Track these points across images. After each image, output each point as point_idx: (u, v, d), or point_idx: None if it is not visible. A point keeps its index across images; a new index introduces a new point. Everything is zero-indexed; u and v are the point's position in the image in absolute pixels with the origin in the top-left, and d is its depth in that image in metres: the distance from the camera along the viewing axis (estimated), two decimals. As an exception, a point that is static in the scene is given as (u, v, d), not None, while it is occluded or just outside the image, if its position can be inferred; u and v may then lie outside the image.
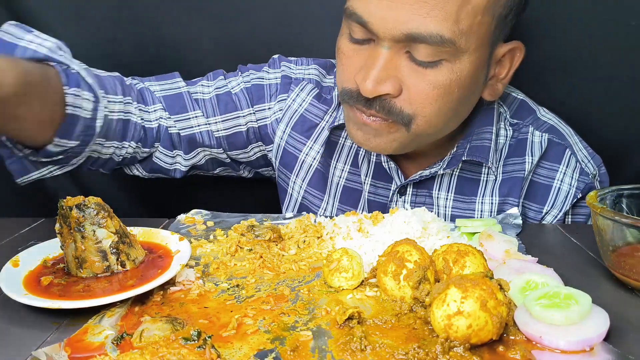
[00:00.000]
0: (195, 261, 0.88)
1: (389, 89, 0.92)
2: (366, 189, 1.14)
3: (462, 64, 0.92)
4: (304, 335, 0.68)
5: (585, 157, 1.11)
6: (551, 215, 1.10)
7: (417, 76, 0.91)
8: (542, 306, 0.67)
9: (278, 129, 1.18)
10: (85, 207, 0.79)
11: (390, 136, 0.98)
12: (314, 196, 1.18)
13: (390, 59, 0.91)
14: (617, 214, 0.77)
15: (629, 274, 0.78)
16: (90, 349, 0.65)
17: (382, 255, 0.78)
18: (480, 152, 1.06)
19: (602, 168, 1.12)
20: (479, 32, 0.90)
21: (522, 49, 1.01)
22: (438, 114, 0.95)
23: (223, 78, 1.18)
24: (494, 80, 1.02)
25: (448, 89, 0.92)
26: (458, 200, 1.11)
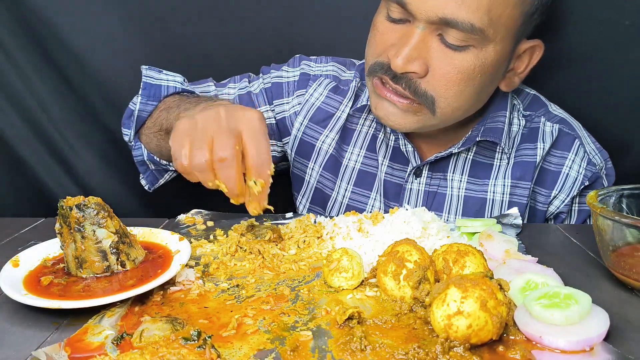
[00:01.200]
0: (195, 261, 0.88)
1: (417, 68, 0.98)
2: (383, 170, 1.19)
3: (487, 52, 0.98)
4: (304, 335, 0.68)
5: (593, 150, 1.15)
6: (559, 199, 1.14)
7: (445, 59, 0.97)
8: (542, 306, 0.67)
9: (296, 121, 1.23)
10: (85, 207, 0.79)
11: (414, 117, 1.04)
12: (327, 179, 1.23)
13: (423, 39, 0.97)
14: (617, 214, 0.77)
15: (629, 274, 0.77)
16: (90, 349, 0.65)
17: (382, 255, 0.78)
18: (494, 133, 1.10)
19: (609, 163, 1.16)
20: (506, 25, 0.97)
21: (542, 48, 1.07)
22: (459, 97, 1.01)
23: (247, 80, 1.26)
24: (512, 73, 1.08)
25: (471, 74, 0.98)
26: (471, 183, 1.15)
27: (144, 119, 1.16)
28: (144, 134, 1.17)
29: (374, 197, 1.20)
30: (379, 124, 1.18)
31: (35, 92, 1.37)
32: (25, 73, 1.36)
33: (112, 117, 1.41)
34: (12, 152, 1.39)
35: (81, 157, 1.42)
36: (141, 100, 1.14)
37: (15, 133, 1.38)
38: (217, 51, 1.39)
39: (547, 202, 1.15)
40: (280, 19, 1.37)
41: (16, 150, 1.39)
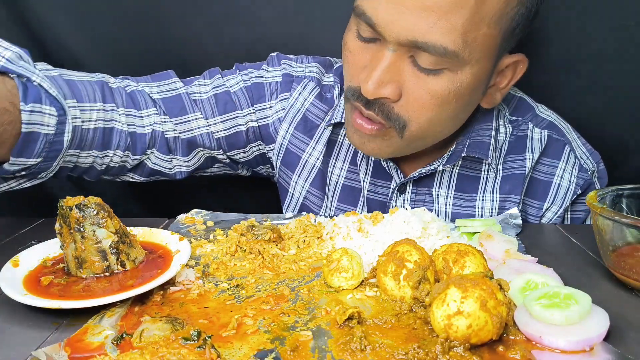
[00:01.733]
0: (195, 261, 0.88)
1: (389, 93, 0.92)
2: (365, 188, 1.14)
3: (463, 75, 0.92)
4: (304, 335, 0.68)
5: (584, 153, 1.12)
6: (551, 211, 1.11)
7: (418, 82, 0.92)
8: (542, 306, 0.67)
9: (280, 129, 1.17)
10: (85, 207, 0.79)
11: (384, 142, 0.99)
12: (315, 196, 1.18)
13: (394, 61, 0.91)
14: (617, 214, 0.77)
15: (629, 274, 0.78)
16: (90, 349, 0.65)
17: (382, 255, 0.78)
18: (480, 149, 1.06)
19: (601, 164, 1.13)
20: (483, 45, 0.91)
21: (526, 63, 1.02)
22: (431, 122, 0.96)
23: (220, 76, 1.15)
24: (494, 89, 1.03)
25: (446, 99, 0.93)
26: (458, 198, 1.11)
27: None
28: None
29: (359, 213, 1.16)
30: None
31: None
32: (25, 73, 1.36)
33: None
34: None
35: (81, 157, 1.42)
36: None
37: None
38: (214, 51, 1.38)
39: (539, 215, 1.11)
40: (277, 19, 1.36)
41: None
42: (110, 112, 1.02)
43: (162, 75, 1.14)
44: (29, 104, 0.83)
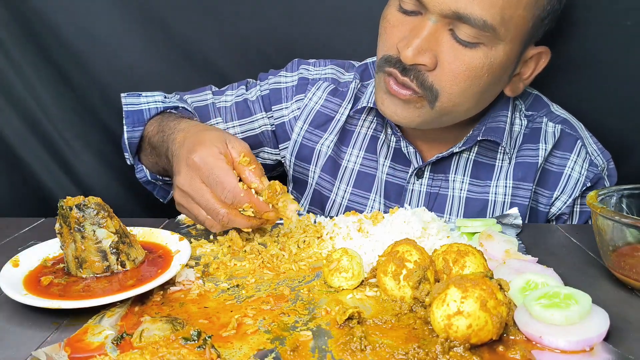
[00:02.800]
0: (195, 261, 0.88)
1: (426, 60, 0.97)
2: (384, 171, 1.18)
3: (497, 52, 0.98)
4: (304, 335, 0.68)
5: (595, 150, 1.15)
6: (561, 200, 1.13)
7: (454, 54, 0.97)
8: (542, 306, 0.67)
9: (296, 126, 1.23)
10: (85, 207, 0.79)
11: (416, 111, 1.03)
12: (326, 181, 1.23)
13: (434, 32, 0.97)
14: (617, 214, 0.77)
15: (629, 274, 0.77)
16: (90, 349, 0.65)
17: (382, 255, 0.78)
18: (495, 132, 1.10)
19: (611, 163, 1.15)
20: (517, 26, 0.97)
21: (549, 55, 1.08)
22: (463, 94, 1.00)
23: (245, 88, 1.26)
24: (517, 79, 1.09)
25: (479, 72, 0.98)
26: (473, 184, 1.14)
27: (136, 145, 1.16)
28: (143, 155, 1.18)
29: (373, 198, 1.19)
30: (380, 125, 1.18)
31: (34, 92, 1.38)
32: (25, 73, 1.36)
33: (112, 117, 1.41)
34: (11, 152, 1.39)
35: (81, 157, 1.42)
36: (127, 129, 1.14)
37: (15, 133, 1.38)
38: (217, 51, 1.39)
39: (549, 204, 1.14)
40: (280, 18, 1.37)
41: (16, 151, 1.39)
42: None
43: (200, 89, 1.27)
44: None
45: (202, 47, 1.39)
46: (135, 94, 1.18)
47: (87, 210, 0.79)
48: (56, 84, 1.39)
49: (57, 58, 1.37)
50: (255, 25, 1.37)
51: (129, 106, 1.16)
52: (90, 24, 1.36)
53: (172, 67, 1.39)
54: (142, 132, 1.15)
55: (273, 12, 1.36)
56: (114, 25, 1.37)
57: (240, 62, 1.34)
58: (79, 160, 1.42)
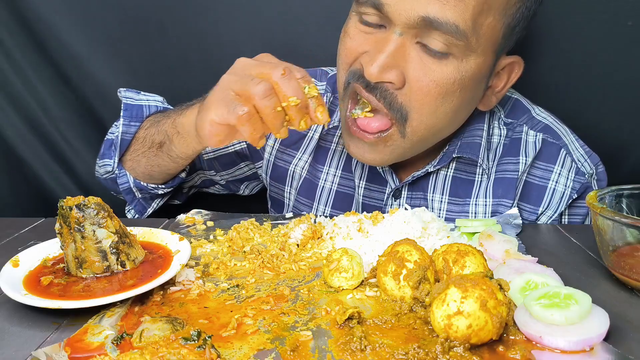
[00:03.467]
0: (195, 261, 0.88)
1: (393, 78, 0.91)
2: (360, 193, 1.14)
3: (468, 64, 0.92)
4: (304, 335, 0.68)
5: (581, 156, 1.10)
6: (546, 216, 1.10)
7: (423, 70, 0.91)
8: (542, 306, 0.67)
9: (267, 145, 1.18)
10: (85, 207, 0.79)
11: (386, 149, 0.98)
12: (303, 204, 1.19)
13: (401, 46, 0.91)
14: (617, 214, 0.77)
15: (629, 274, 0.77)
16: (90, 349, 0.65)
17: (382, 255, 0.78)
18: (471, 149, 1.06)
19: (600, 166, 1.11)
20: (487, 35, 0.92)
21: (521, 65, 1.02)
22: (434, 114, 0.95)
23: None
24: (490, 92, 1.03)
25: (450, 88, 0.92)
26: (452, 203, 1.10)
27: (128, 142, 1.12)
28: (129, 159, 1.13)
29: None
30: None
31: (34, 92, 1.38)
32: (25, 73, 1.36)
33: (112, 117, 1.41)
34: (11, 152, 1.39)
35: (81, 157, 1.42)
36: (124, 122, 1.11)
37: (15, 133, 1.38)
38: (214, 52, 1.39)
39: (533, 219, 1.10)
40: (277, 20, 1.36)
41: (16, 150, 1.39)
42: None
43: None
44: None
45: (200, 48, 1.39)
46: (134, 90, 1.17)
47: (87, 210, 0.79)
48: (56, 84, 1.39)
49: (57, 58, 1.38)
50: (252, 27, 1.37)
51: (129, 99, 1.14)
52: (90, 25, 1.36)
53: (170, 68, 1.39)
54: (137, 129, 1.11)
55: (270, 14, 1.36)
56: (113, 25, 1.37)
57: None
58: (79, 160, 1.42)
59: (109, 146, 1.15)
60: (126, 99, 1.14)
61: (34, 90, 1.37)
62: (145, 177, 1.13)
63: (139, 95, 1.16)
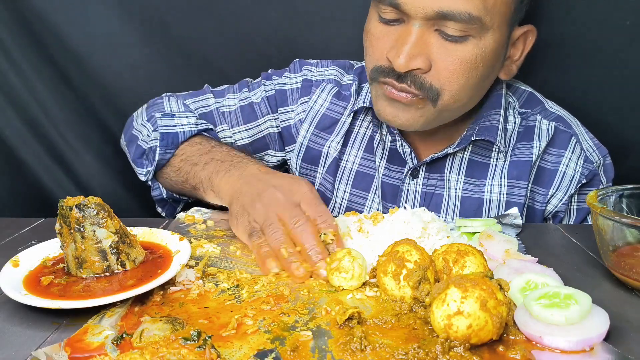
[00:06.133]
0: (195, 261, 0.88)
1: (420, 64, 0.98)
2: (380, 172, 1.19)
3: (486, 41, 0.99)
4: (304, 335, 0.68)
5: (590, 147, 1.14)
6: (556, 198, 1.13)
7: (446, 52, 0.98)
8: (542, 306, 0.67)
9: (302, 129, 1.24)
10: (85, 207, 0.79)
11: (417, 112, 1.03)
12: (328, 182, 1.23)
13: (421, 36, 0.98)
14: (617, 214, 0.77)
15: (629, 274, 0.77)
16: (90, 349, 0.65)
17: (382, 255, 0.78)
18: (489, 132, 1.11)
19: (608, 159, 1.15)
20: (501, 11, 0.98)
21: (535, 33, 1.09)
22: (463, 88, 1.01)
23: (247, 90, 1.25)
24: (509, 61, 1.09)
25: (474, 64, 0.99)
26: (468, 183, 1.14)
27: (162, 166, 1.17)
28: (164, 177, 1.18)
29: (371, 199, 1.20)
30: (376, 126, 1.19)
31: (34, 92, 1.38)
32: (25, 73, 1.36)
33: (112, 118, 1.41)
34: (11, 152, 1.39)
35: (81, 157, 1.42)
36: (160, 151, 1.14)
37: (15, 133, 1.38)
38: (217, 50, 1.39)
39: (545, 201, 1.14)
40: (280, 18, 1.37)
41: (16, 151, 1.39)
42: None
43: (199, 93, 1.26)
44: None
45: (202, 47, 1.39)
46: (169, 115, 1.18)
47: (87, 210, 0.79)
48: (56, 84, 1.39)
49: (58, 58, 1.37)
50: (256, 25, 1.37)
51: (164, 128, 1.16)
52: (90, 24, 1.36)
53: (172, 67, 1.39)
54: (172, 156, 1.15)
55: (273, 12, 1.36)
56: (114, 25, 1.37)
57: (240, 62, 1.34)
58: (79, 160, 1.42)
59: (140, 155, 1.19)
60: (162, 128, 1.16)
61: (34, 90, 1.37)
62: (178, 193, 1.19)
63: (174, 120, 1.17)
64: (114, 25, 1.37)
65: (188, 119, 1.18)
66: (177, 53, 1.39)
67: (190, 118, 1.19)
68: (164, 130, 1.16)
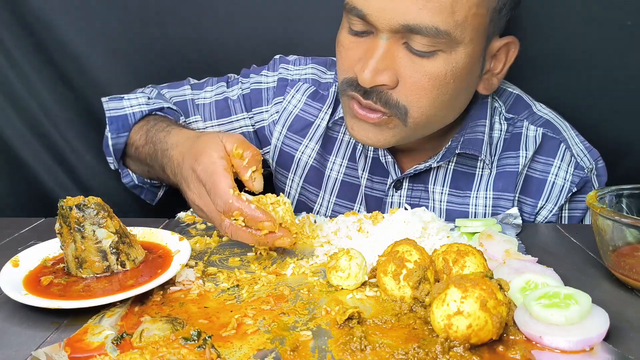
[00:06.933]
0: (196, 261, 0.88)
1: (386, 80, 0.94)
2: (363, 184, 1.15)
3: (457, 55, 0.93)
4: (304, 335, 0.68)
5: (581, 151, 1.10)
6: (546, 209, 1.10)
7: (414, 67, 0.93)
8: (542, 306, 0.67)
9: (275, 131, 1.20)
10: (85, 207, 0.79)
11: (389, 132, 1.00)
12: (310, 192, 1.20)
13: (388, 49, 0.93)
14: (617, 214, 0.77)
15: (629, 274, 0.77)
16: (90, 349, 0.65)
17: (382, 255, 0.78)
18: (474, 145, 1.07)
19: (600, 162, 1.11)
20: (473, 24, 0.92)
21: (517, 44, 1.03)
22: (433, 105, 0.96)
23: (225, 85, 1.23)
24: (489, 75, 1.04)
25: (443, 80, 0.94)
26: (453, 195, 1.11)
27: (121, 151, 1.14)
28: (131, 162, 1.17)
29: (357, 209, 1.16)
30: None
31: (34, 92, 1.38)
32: (25, 73, 1.36)
33: (112, 117, 1.41)
34: (11, 152, 1.39)
35: (81, 157, 1.42)
36: (111, 135, 1.13)
37: (15, 133, 1.38)
38: (214, 51, 1.39)
39: (534, 213, 1.10)
40: (277, 18, 1.37)
41: (16, 151, 1.39)
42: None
43: (178, 84, 1.25)
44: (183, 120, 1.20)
45: (200, 47, 1.39)
46: (117, 98, 1.16)
47: (87, 210, 0.79)
48: (56, 84, 1.39)
49: (57, 58, 1.37)
50: (253, 25, 1.37)
51: (112, 111, 1.13)
52: (90, 24, 1.36)
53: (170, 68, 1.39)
54: (126, 139, 1.13)
55: (270, 12, 1.36)
56: (113, 25, 1.37)
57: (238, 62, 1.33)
58: (79, 160, 1.42)
59: (106, 145, 1.17)
60: (109, 112, 1.13)
61: (34, 90, 1.37)
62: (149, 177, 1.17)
63: (122, 102, 1.14)
64: (112, 26, 1.37)
65: (138, 99, 1.15)
66: (176, 54, 1.39)
67: (140, 99, 1.15)
68: (112, 114, 1.13)
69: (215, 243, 0.96)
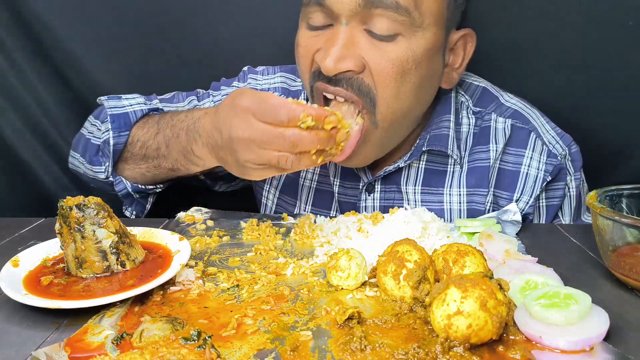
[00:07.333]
0: (196, 261, 0.88)
1: (351, 65, 0.93)
2: (336, 190, 1.14)
3: (417, 41, 0.94)
4: (304, 335, 0.68)
5: (552, 137, 1.09)
6: (522, 201, 1.09)
7: (377, 51, 0.93)
8: (542, 306, 0.67)
9: None
10: (85, 207, 0.79)
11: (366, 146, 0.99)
12: (287, 202, 1.19)
13: (350, 36, 0.93)
14: (617, 214, 0.77)
15: (629, 274, 0.78)
16: (90, 349, 0.65)
17: (382, 255, 0.78)
18: (439, 141, 1.06)
19: (574, 146, 1.10)
20: (432, 9, 0.94)
21: (474, 37, 1.03)
22: (397, 97, 0.96)
23: (196, 99, 1.21)
24: (449, 69, 1.04)
25: (406, 66, 0.94)
26: (426, 193, 1.10)
27: (120, 151, 1.11)
28: (127, 168, 1.12)
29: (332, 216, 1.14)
30: None
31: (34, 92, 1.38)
32: (24, 73, 1.37)
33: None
34: (11, 152, 1.39)
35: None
36: (113, 134, 1.09)
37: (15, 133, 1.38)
38: (212, 52, 1.39)
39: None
40: (274, 19, 1.37)
41: (16, 151, 1.39)
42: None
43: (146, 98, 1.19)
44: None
45: (197, 48, 1.39)
46: (115, 97, 1.14)
47: (87, 210, 0.79)
48: (56, 84, 1.39)
49: (57, 58, 1.38)
50: (250, 27, 1.37)
51: (113, 109, 1.11)
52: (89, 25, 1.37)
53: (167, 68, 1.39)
54: (127, 137, 1.10)
55: (269, 13, 1.36)
56: (112, 26, 1.37)
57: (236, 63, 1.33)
58: (79, 160, 1.42)
59: (96, 152, 1.13)
60: (111, 110, 1.11)
61: (34, 90, 1.37)
62: (147, 183, 1.14)
63: (122, 102, 1.13)
64: (110, 27, 1.37)
65: (136, 99, 1.14)
66: (173, 54, 1.39)
67: (138, 98, 1.14)
68: (113, 111, 1.11)
69: (215, 243, 0.96)
